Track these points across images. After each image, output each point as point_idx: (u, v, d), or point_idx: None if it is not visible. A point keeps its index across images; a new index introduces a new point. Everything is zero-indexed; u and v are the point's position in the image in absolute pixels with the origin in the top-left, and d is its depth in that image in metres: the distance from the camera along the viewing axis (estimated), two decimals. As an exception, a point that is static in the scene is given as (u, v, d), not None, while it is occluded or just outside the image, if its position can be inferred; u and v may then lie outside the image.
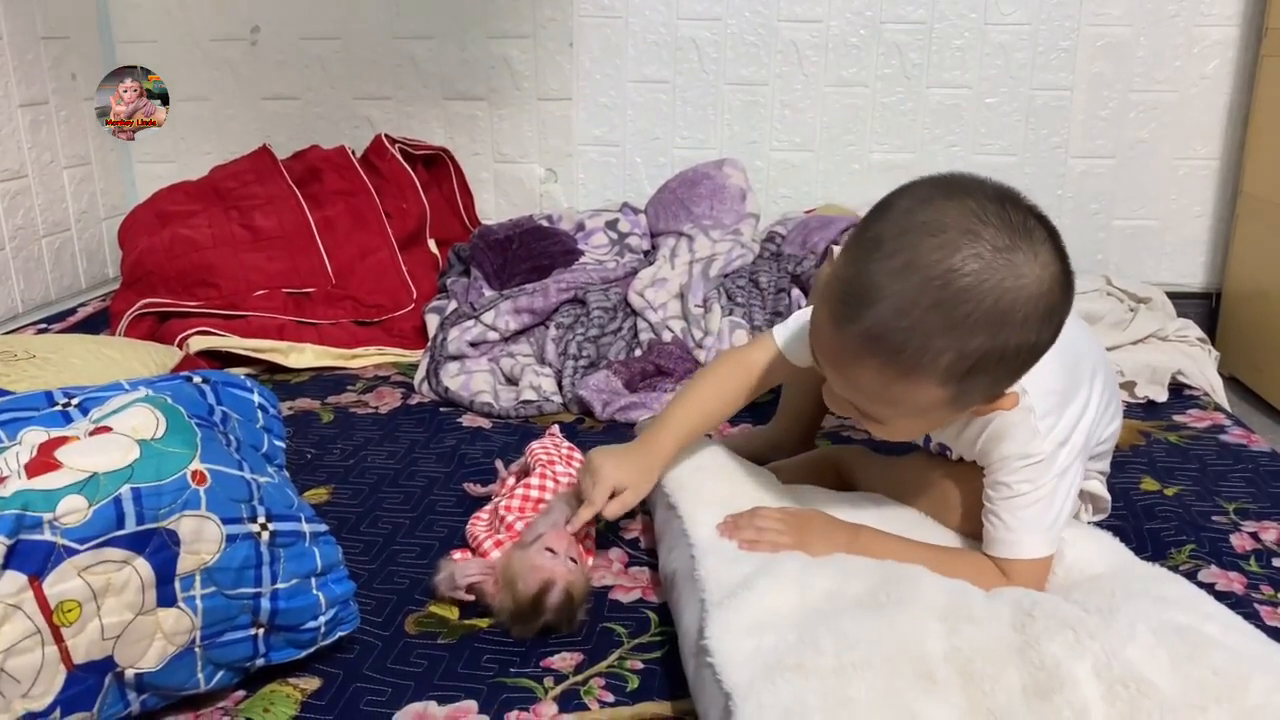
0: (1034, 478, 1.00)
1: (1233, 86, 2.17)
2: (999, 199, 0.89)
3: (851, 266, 0.90)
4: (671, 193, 2.16)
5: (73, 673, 0.81)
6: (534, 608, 1.04)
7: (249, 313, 1.92)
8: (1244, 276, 2.14)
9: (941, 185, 0.91)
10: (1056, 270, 0.89)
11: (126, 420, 0.90)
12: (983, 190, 0.89)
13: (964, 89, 2.25)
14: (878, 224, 0.91)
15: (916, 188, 0.92)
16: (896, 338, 0.87)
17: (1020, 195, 0.91)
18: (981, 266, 0.86)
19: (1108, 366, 1.15)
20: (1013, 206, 0.89)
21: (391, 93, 2.42)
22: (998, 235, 0.87)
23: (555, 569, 1.05)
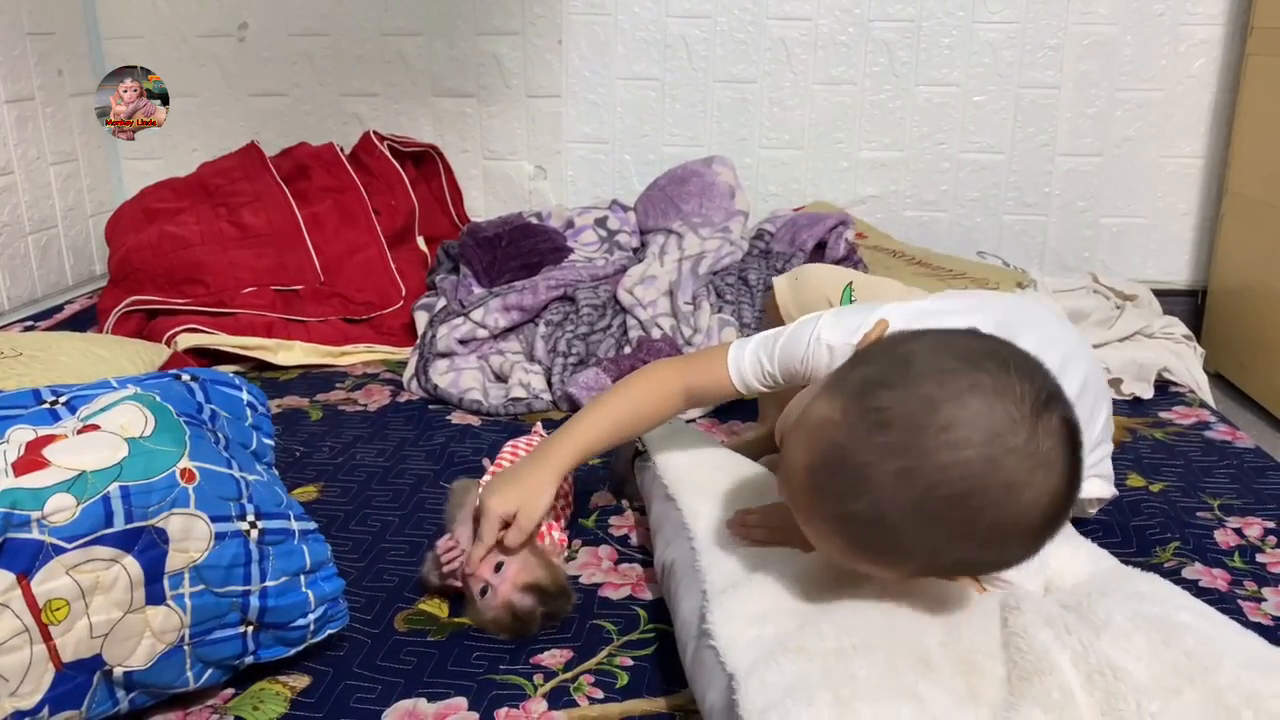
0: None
1: (1218, 85, 2.18)
2: (1037, 405, 0.76)
3: (846, 433, 0.78)
4: (661, 190, 2.16)
5: (61, 671, 0.81)
6: (522, 623, 1.04)
7: (237, 310, 1.91)
8: (1229, 274, 2.15)
9: (978, 367, 0.77)
10: (1064, 491, 0.78)
11: (115, 418, 0.89)
12: (1021, 391, 0.76)
13: (952, 87, 2.25)
14: (889, 394, 0.78)
15: (943, 357, 0.79)
16: (875, 536, 0.79)
17: (1059, 393, 0.78)
18: (993, 492, 0.75)
19: (1090, 362, 1.13)
20: (1048, 413, 0.76)
21: (380, 89, 2.41)
22: (1021, 458, 0.75)
23: (503, 594, 1.05)
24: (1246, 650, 0.83)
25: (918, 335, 0.84)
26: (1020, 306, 1.17)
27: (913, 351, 0.80)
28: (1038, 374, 0.79)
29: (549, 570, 1.08)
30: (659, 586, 1.11)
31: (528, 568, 1.06)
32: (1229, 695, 0.78)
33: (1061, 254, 2.32)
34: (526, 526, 1.07)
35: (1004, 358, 0.78)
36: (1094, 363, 1.13)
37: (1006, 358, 0.79)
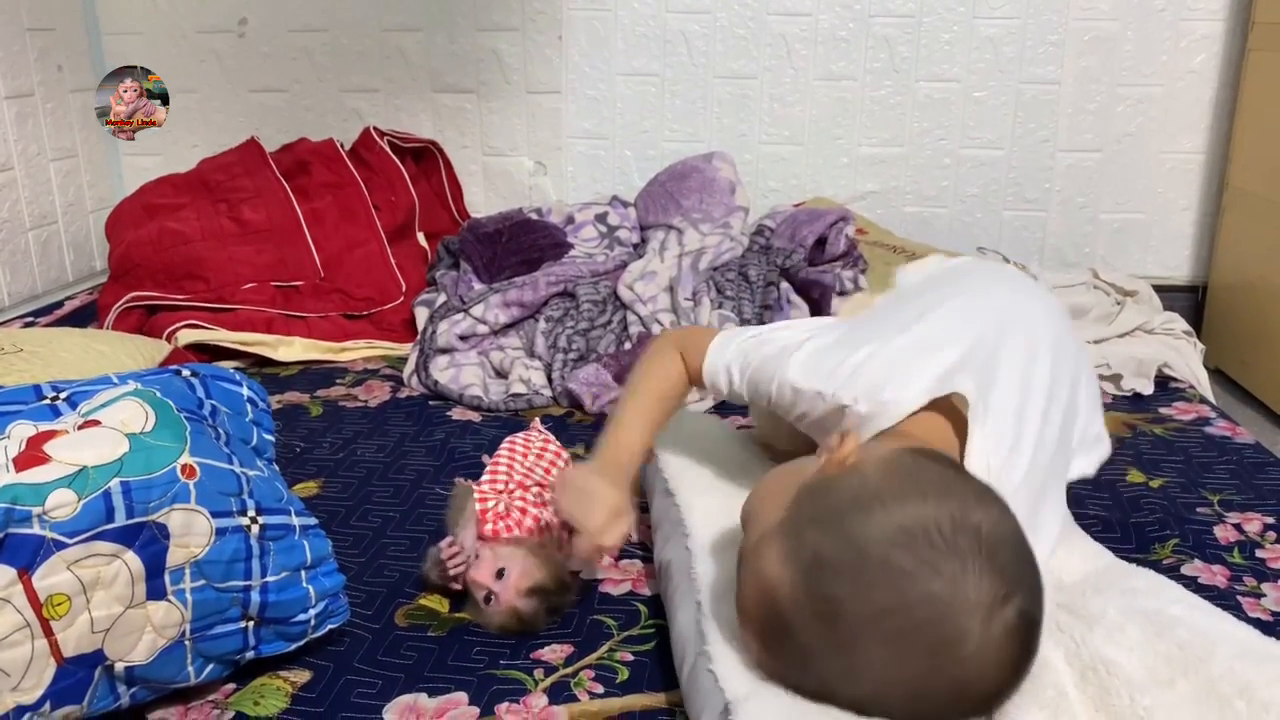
0: None
1: (1219, 81, 2.18)
2: (994, 605, 0.72)
3: (793, 611, 0.77)
4: (661, 186, 2.16)
5: (62, 666, 0.81)
6: (527, 625, 1.05)
7: (237, 306, 1.91)
8: (1230, 270, 2.15)
9: (935, 570, 0.73)
10: (1010, 682, 0.76)
11: (115, 414, 0.89)
12: (978, 596, 0.72)
13: (952, 82, 2.25)
14: (840, 586, 0.75)
15: (901, 553, 0.74)
16: (819, 696, 0.79)
17: (1021, 583, 0.75)
18: (938, 694, 0.74)
19: (1062, 343, 1.10)
20: (1002, 611, 0.73)
21: (380, 85, 2.41)
22: (969, 665, 0.73)
23: (507, 601, 1.05)
24: (1239, 640, 0.84)
25: (875, 507, 0.77)
26: (997, 295, 1.16)
27: (869, 540, 0.75)
28: (1001, 561, 0.74)
29: (549, 569, 1.08)
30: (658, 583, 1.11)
31: (529, 571, 1.06)
32: (1222, 685, 0.79)
33: (1062, 249, 2.32)
34: (614, 550, 1.09)
35: (966, 550, 0.74)
36: (1070, 344, 1.12)
37: (969, 549, 0.74)
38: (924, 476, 0.80)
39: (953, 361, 0.99)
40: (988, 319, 1.08)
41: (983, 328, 1.06)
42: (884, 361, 1.00)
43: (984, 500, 0.79)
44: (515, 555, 1.07)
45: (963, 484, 0.81)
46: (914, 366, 0.99)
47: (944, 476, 0.81)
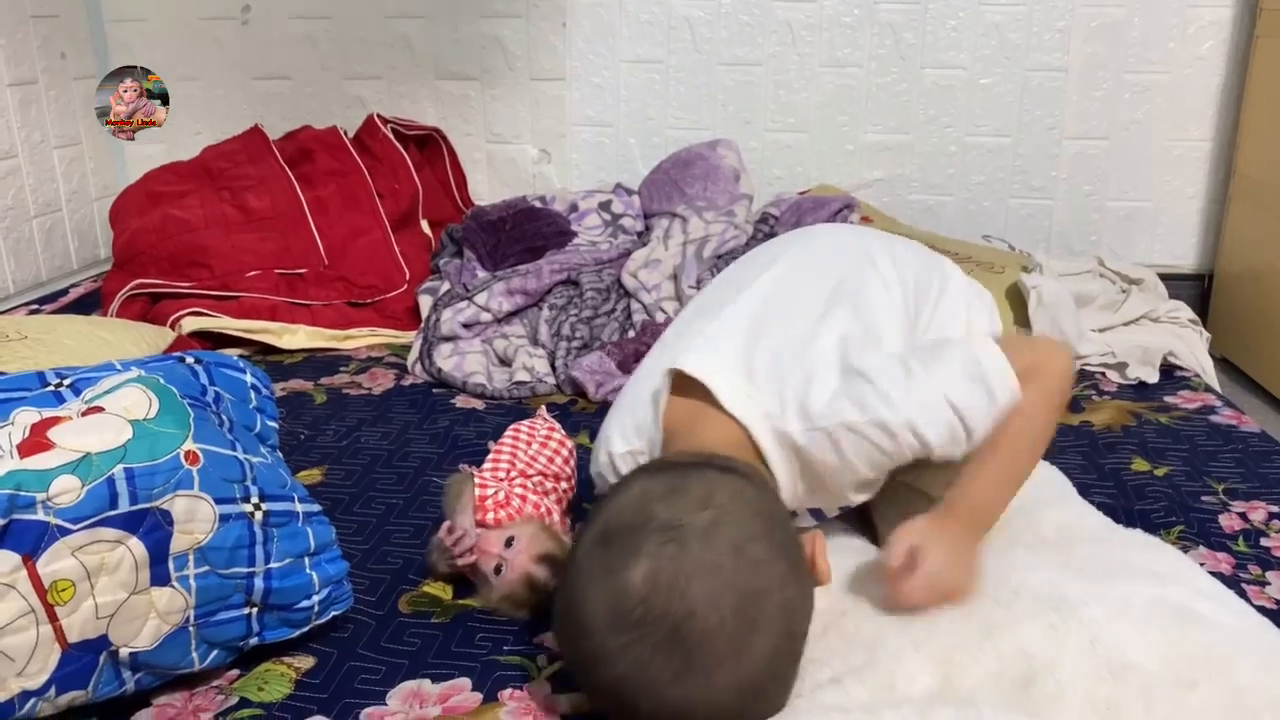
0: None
1: (1226, 68, 2.17)
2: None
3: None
4: (665, 173, 2.16)
5: (67, 651, 0.81)
6: (538, 596, 1.04)
7: (241, 293, 1.91)
8: (1236, 258, 2.14)
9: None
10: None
11: (119, 400, 0.90)
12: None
13: (958, 69, 2.24)
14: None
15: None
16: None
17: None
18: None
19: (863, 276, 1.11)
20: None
21: (383, 72, 2.40)
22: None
23: (519, 566, 1.05)
24: (1268, 647, 0.81)
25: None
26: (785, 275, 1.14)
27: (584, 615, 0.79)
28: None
29: (558, 542, 1.09)
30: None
31: (538, 540, 1.07)
32: (1249, 696, 0.77)
33: (1068, 238, 2.31)
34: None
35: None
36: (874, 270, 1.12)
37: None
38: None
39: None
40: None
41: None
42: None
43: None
44: (522, 527, 1.08)
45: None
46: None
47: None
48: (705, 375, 0.95)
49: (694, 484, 0.78)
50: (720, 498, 0.77)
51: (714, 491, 0.78)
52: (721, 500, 0.77)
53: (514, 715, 0.92)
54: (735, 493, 0.78)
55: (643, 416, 1.00)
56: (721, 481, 0.79)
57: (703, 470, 0.80)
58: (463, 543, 1.08)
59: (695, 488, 0.78)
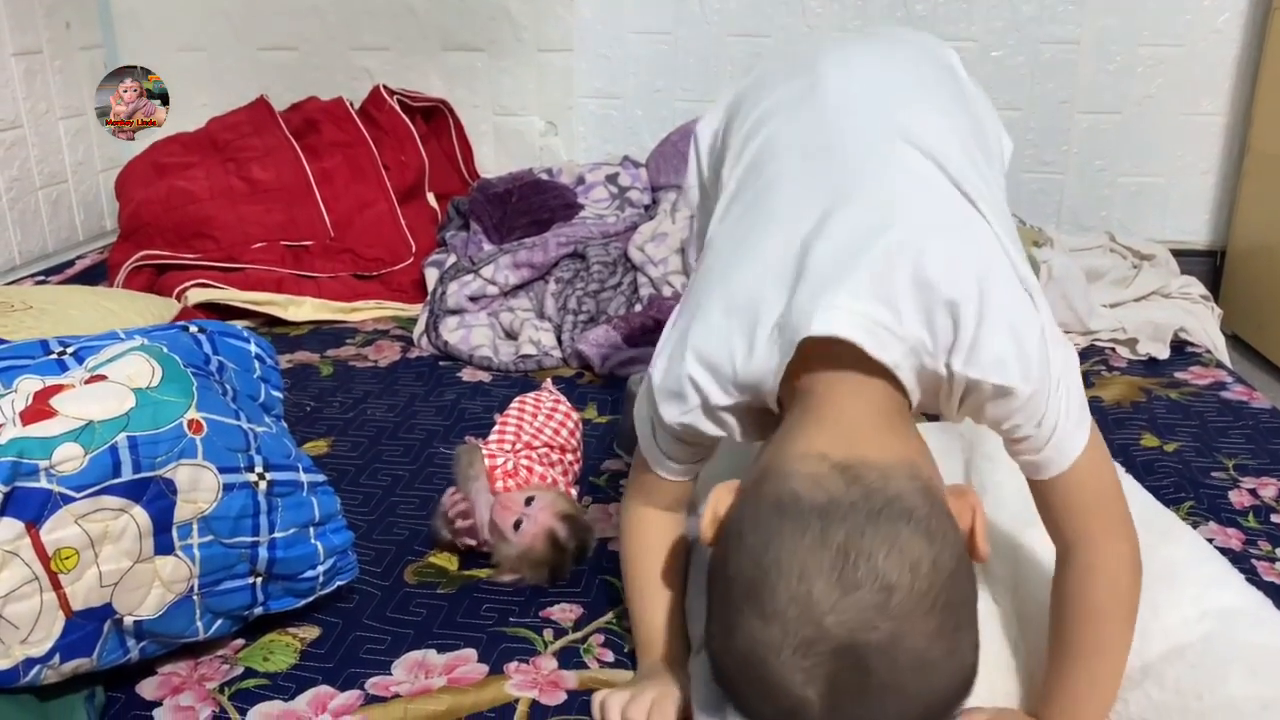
0: (1034, 414, 0.78)
1: (1242, 40, 2.13)
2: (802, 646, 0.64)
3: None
4: (673, 146, 2.14)
5: (71, 619, 0.81)
6: (559, 553, 1.05)
7: (247, 265, 1.91)
8: (1249, 234, 2.12)
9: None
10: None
11: (122, 369, 0.89)
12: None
13: (970, 42, 2.21)
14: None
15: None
16: None
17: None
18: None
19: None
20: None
21: (390, 43, 2.38)
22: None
23: (543, 522, 1.05)
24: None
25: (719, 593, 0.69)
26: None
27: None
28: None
29: (575, 505, 1.10)
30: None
31: (558, 501, 1.08)
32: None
33: (1079, 213, 2.29)
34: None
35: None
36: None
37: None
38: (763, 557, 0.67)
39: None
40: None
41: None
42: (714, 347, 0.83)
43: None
44: (542, 490, 1.09)
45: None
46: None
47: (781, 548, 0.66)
48: (850, 333, 0.75)
49: (861, 563, 0.64)
50: (899, 586, 0.63)
51: (888, 574, 0.64)
52: (900, 592, 0.63)
53: (519, 687, 0.92)
54: (912, 569, 0.64)
55: (753, 370, 0.80)
56: (897, 549, 0.65)
57: (868, 526, 0.65)
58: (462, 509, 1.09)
59: (864, 570, 0.64)
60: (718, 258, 0.90)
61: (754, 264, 0.84)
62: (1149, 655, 0.85)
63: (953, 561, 0.66)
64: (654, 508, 0.95)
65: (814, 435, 0.73)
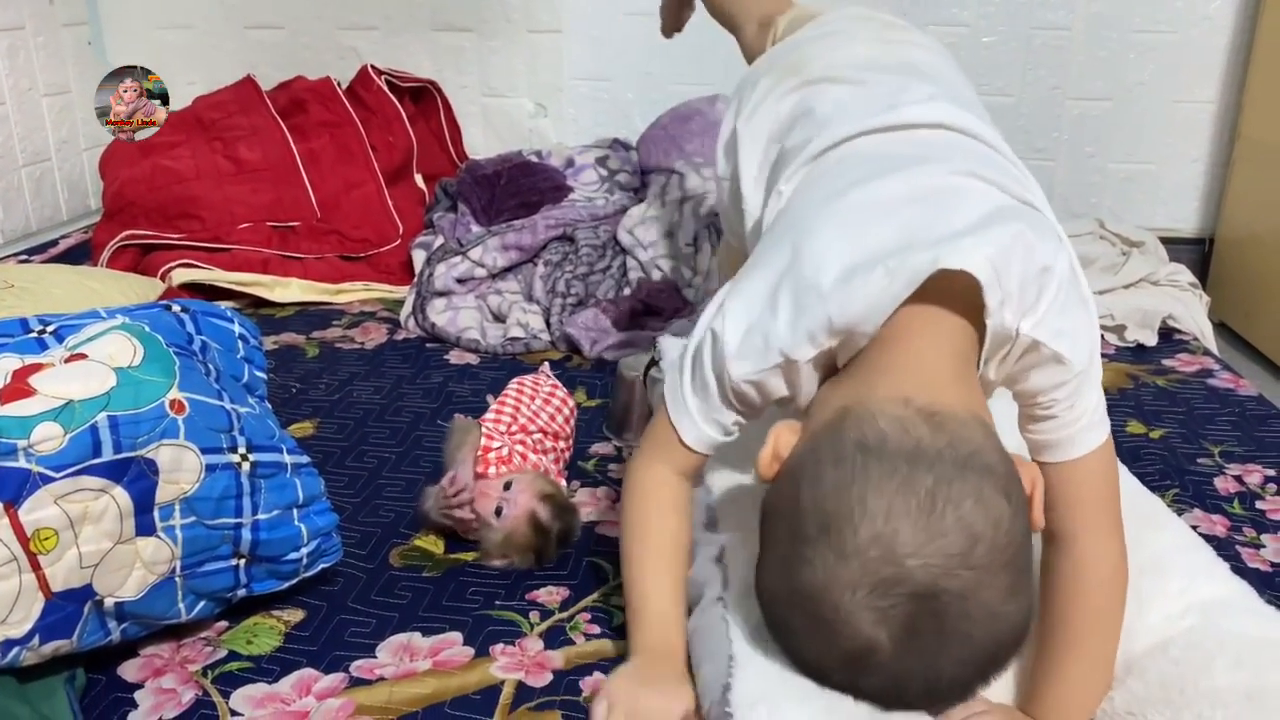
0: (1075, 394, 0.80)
1: (1234, 27, 2.13)
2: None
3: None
4: (663, 129, 2.12)
5: (51, 600, 0.81)
6: (541, 536, 1.04)
7: (233, 246, 1.89)
8: (1238, 222, 2.12)
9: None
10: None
11: (103, 347, 0.88)
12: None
13: (961, 27, 2.20)
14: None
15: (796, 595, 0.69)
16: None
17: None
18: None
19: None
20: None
21: (378, 23, 2.36)
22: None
23: (523, 504, 1.05)
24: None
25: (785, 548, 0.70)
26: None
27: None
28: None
29: (556, 486, 1.09)
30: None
31: (538, 483, 1.07)
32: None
33: (1069, 200, 2.29)
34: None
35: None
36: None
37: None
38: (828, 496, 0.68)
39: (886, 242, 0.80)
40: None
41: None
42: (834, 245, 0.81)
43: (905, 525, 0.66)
44: (519, 475, 1.08)
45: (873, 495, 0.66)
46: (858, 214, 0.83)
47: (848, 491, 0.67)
48: (981, 271, 0.74)
49: (949, 510, 0.65)
50: (983, 538, 0.65)
51: (974, 524, 0.65)
52: (983, 544, 0.65)
53: (505, 669, 0.91)
54: (994, 524, 0.66)
55: (848, 311, 0.77)
56: (982, 502, 0.66)
57: (956, 476, 0.66)
58: (458, 489, 1.08)
59: (950, 518, 0.65)
60: (804, 209, 0.90)
61: (857, 211, 0.85)
62: (1133, 652, 0.85)
63: (1025, 526, 0.69)
64: (670, 469, 0.90)
65: (898, 378, 0.74)
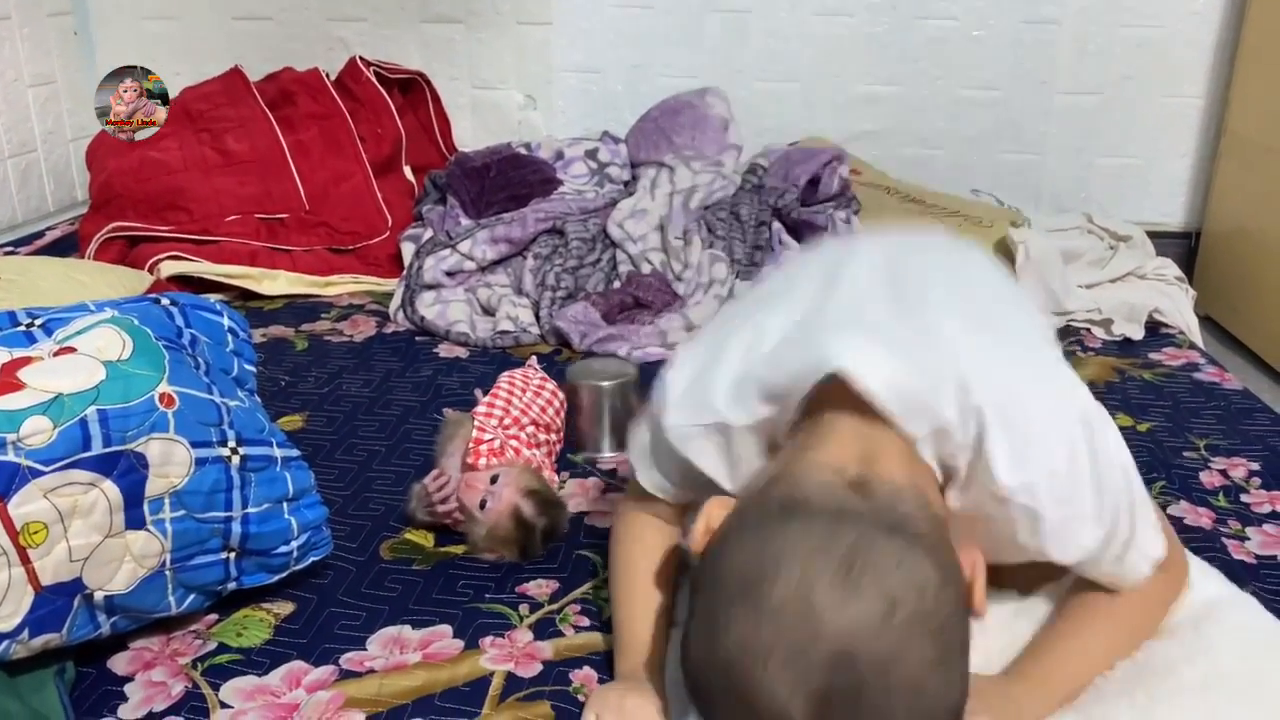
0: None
1: (1221, 22, 2.14)
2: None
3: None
4: (653, 122, 2.12)
5: (41, 594, 0.80)
6: (526, 531, 1.04)
7: (221, 238, 1.88)
8: (1224, 216, 2.14)
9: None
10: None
11: (92, 341, 0.88)
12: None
13: (951, 21, 2.21)
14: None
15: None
16: None
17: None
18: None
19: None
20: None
21: (367, 14, 2.35)
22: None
23: (506, 499, 1.05)
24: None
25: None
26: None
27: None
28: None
29: (542, 481, 1.09)
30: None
31: (523, 477, 1.07)
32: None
33: (1057, 194, 2.30)
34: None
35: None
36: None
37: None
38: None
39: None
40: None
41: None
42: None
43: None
44: (506, 468, 1.08)
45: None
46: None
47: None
48: (871, 388, 0.73)
49: (868, 571, 0.61)
50: (905, 602, 0.60)
51: (894, 589, 0.61)
52: (904, 608, 0.60)
53: (495, 661, 0.92)
54: (918, 590, 0.61)
55: (774, 386, 0.79)
56: (906, 566, 0.62)
57: (879, 537, 0.63)
58: (446, 489, 1.08)
59: (869, 578, 0.61)
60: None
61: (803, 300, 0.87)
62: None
63: (956, 599, 0.63)
64: (649, 514, 0.94)
65: (830, 449, 0.72)
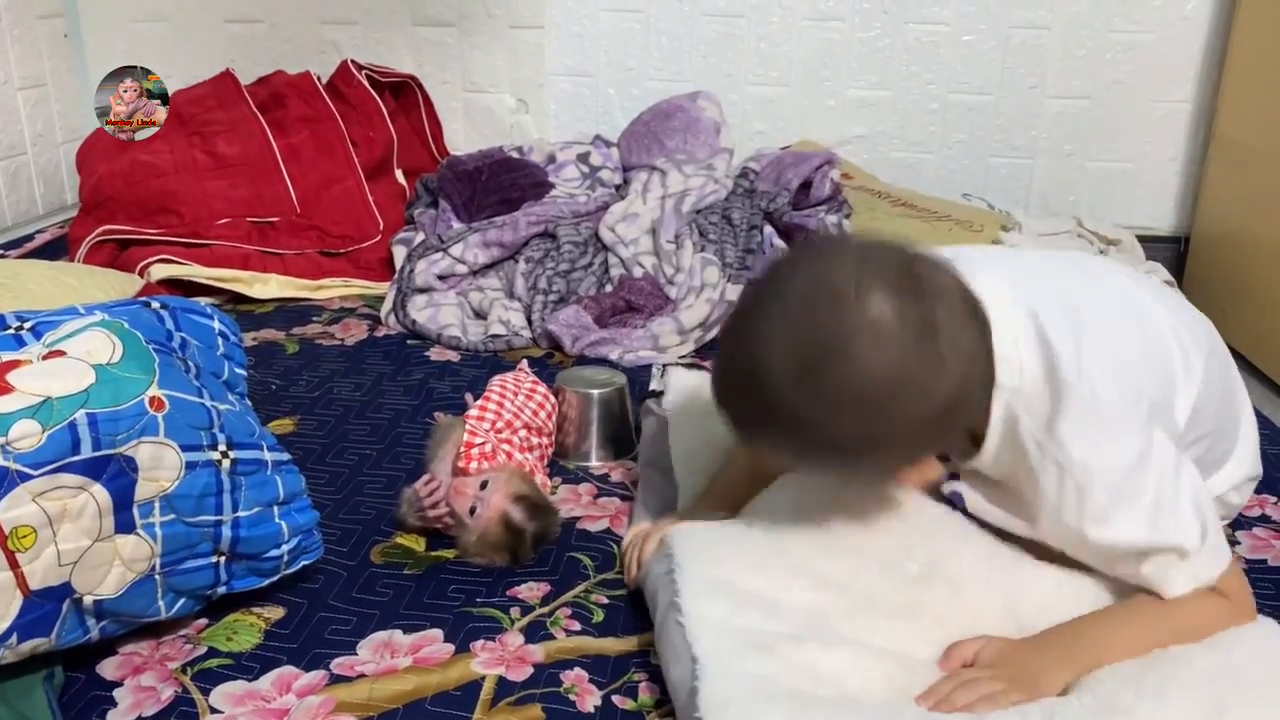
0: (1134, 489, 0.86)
1: (1210, 27, 2.15)
2: (859, 285, 0.80)
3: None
4: (645, 125, 2.13)
5: (29, 598, 0.80)
6: (515, 537, 1.04)
7: (212, 241, 1.88)
8: (1213, 221, 2.14)
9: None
10: (896, 362, 0.79)
11: (81, 344, 0.87)
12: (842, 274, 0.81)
13: (942, 25, 2.21)
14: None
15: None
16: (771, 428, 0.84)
17: (879, 278, 0.80)
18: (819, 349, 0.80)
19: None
20: (868, 290, 0.79)
21: (359, 17, 2.35)
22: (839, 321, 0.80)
23: (496, 505, 1.05)
24: None
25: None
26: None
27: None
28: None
29: (532, 486, 1.09)
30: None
31: (513, 482, 1.07)
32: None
33: (1047, 198, 2.31)
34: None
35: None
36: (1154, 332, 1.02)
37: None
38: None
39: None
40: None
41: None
42: None
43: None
44: (496, 472, 1.08)
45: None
46: None
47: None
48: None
49: (882, 289, 0.78)
50: (908, 314, 0.78)
51: (903, 310, 0.78)
52: (910, 317, 0.77)
53: (486, 665, 0.92)
54: (929, 311, 0.78)
55: None
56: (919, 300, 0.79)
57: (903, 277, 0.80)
58: (433, 488, 1.08)
59: (881, 295, 0.78)
60: None
61: None
62: None
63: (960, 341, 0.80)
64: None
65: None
